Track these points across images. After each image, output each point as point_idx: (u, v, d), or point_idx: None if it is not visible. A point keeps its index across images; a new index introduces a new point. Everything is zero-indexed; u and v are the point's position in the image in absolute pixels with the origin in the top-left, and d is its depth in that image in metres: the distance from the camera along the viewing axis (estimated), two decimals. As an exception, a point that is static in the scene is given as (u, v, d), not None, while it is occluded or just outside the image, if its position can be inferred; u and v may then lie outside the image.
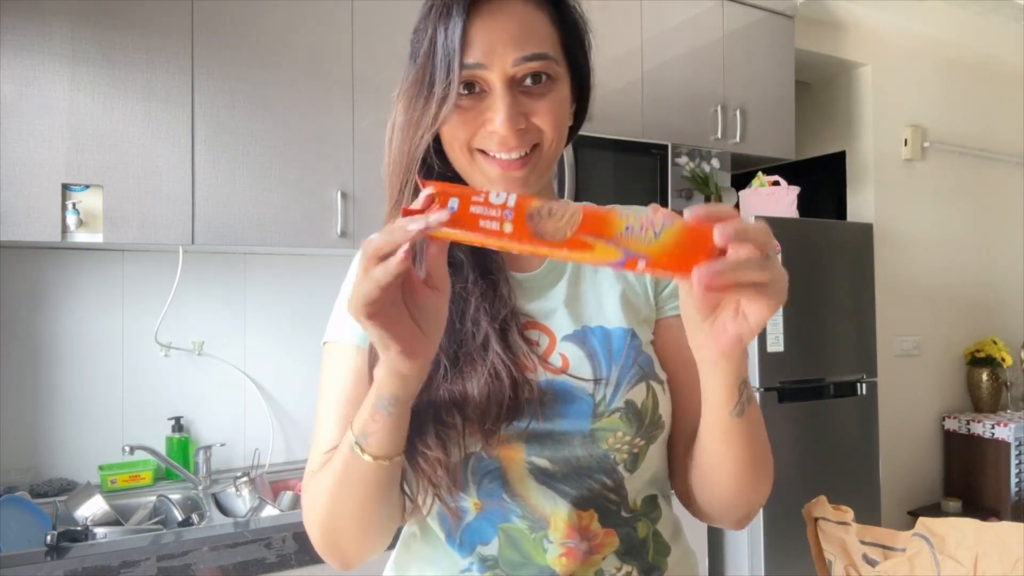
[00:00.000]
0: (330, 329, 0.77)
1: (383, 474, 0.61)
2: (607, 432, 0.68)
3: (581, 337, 0.71)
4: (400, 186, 0.67)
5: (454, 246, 0.67)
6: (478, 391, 0.64)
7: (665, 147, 2.39)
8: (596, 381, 0.68)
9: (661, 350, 0.74)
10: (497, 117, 0.64)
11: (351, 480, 0.62)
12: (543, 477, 0.67)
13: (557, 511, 0.67)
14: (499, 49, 0.63)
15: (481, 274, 0.69)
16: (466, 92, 0.65)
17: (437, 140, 0.68)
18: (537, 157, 0.67)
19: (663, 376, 0.72)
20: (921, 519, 0.65)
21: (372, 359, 0.66)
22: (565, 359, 0.69)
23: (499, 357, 0.64)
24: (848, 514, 0.71)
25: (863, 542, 0.69)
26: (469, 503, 0.68)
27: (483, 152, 0.66)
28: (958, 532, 0.62)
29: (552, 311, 0.72)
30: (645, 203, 0.85)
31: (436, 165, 0.68)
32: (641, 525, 0.71)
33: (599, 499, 0.69)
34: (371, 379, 0.63)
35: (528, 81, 0.65)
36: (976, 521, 0.62)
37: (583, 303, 0.73)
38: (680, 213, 0.49)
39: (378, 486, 0.62)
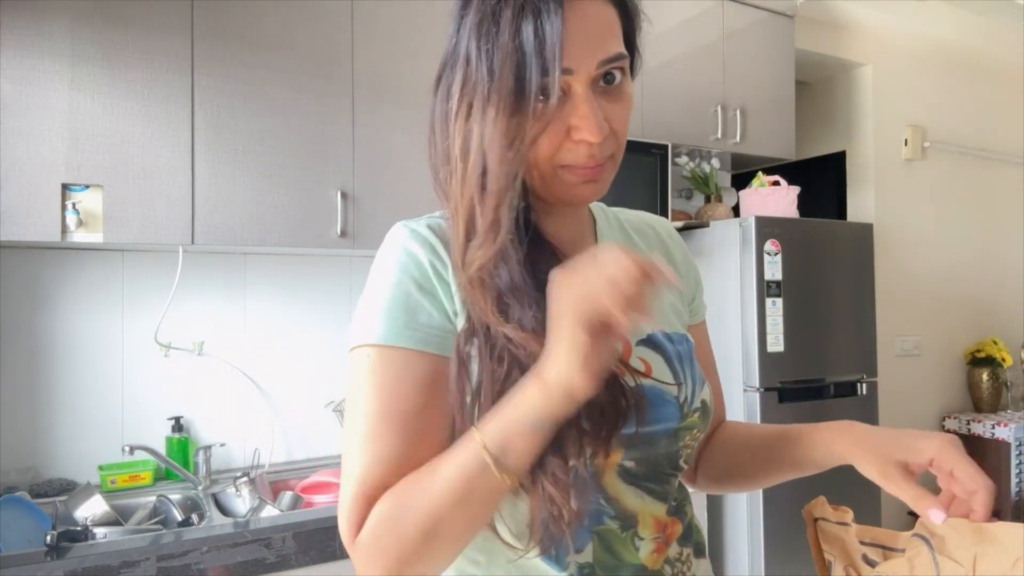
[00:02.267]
0: (370, 330, 0.64)
1: (505, 493, 0.58)
2: (687, 431, 0.70)
3: (654, 341, 0.72)
4: (495, 207, 0.60)
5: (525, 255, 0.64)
6: (595, 403, 0.59)
7: (665, 147, 2.39)
8: (679, 384, 0.70)
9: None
10: (586, 125, 0.60)
11: (471, 499, 0.57)
12: (629, 477, 0.67)
13: (646, 508, 0.68)
14: (584, 52, 0.59)
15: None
16: (544, 99, 0.59)
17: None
18: (612, 164, 0.66)
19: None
20: (920, 519, 0.65)
21: (459, 367, 0.62)
22: (646, 363, 0.69)
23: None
24: (848, 514, 0.71)
25: (863, 542, 0.69)
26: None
27: (563, 166, 0.63)
28: (957, 533, 0.62)
29: None
30: (645, 203, 0.86)
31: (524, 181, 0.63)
32: (687, 508, 0.74)
33: (666, 492, 0.71)
34: (459, 387, 0.61)
35: (602, 81, 0.62)
36: (976, 522, 0.62)
37: None
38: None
39: (495, 505, 0.60)
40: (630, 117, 0.67)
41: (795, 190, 2.58)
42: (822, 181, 3.40)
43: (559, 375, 0.53)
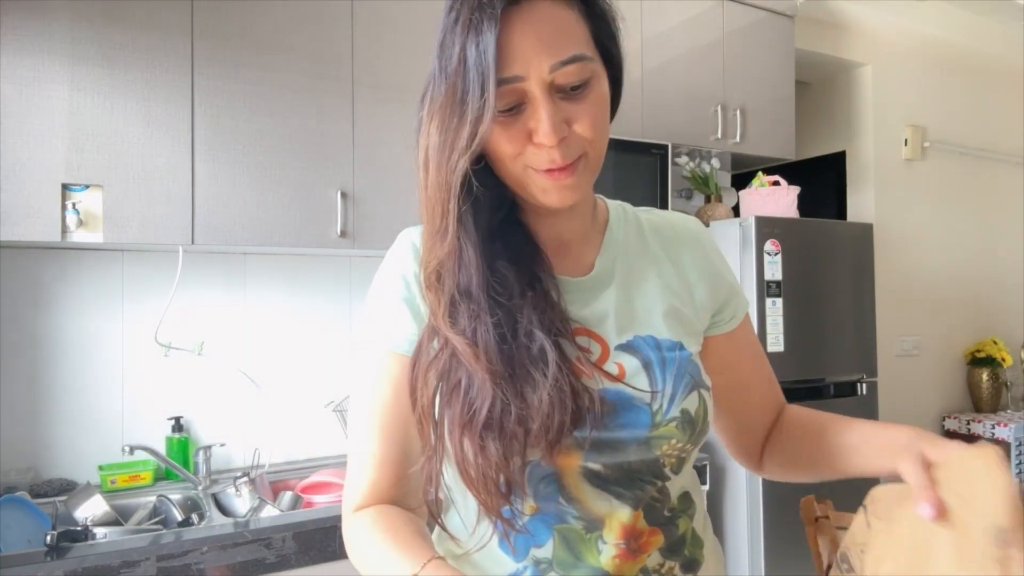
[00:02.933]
0: (364, 330, 0.74)
1: None
2: (662, 440, 0.69)
3: (634, 346, 0.71)
4: (442, 213, 0.63)
5: (498, 258, 0.67)
6: (541, 404, 0.62)
7: (665, 147, 2.39)
8: (652, 392, 0.69)
9: (718, 361, 0.79)
10: (541, 128, 0.61)
11: None
12: (597, 481, 0.67)
13: (614, 513, 0.68)
14: (534, 58, 0.60)
15: (529, 282, 0.67)
16: (505, 108, 0.62)
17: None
18: (584, 163, 0.65)
19: (709, 382, 0.74)
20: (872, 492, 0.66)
21: (415, 364, 0.66)
22: (621, 368, 0.69)
23: (558, 367, 0.63)
24: (828, 506, 0.72)
25: (838, 527, 0.70)
26: (524, 507, 0.68)
27: (532, 167, 0.65)
28: (885, 496, 0.63)
29: (602, 318, 0.72)
30: (645, 203, 0.86)
31: (475, 186, 0.64)
32: (681, 522, 0.73)
33: (646, 500, 0.70)
34: (411, 393, 0.66)
35: (568, 83, 0.63)
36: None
37: (633, 311, 0.73)
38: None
39: None
40: (603, 115, 0.66)
41: (795, 190, 2.58)
42: (822, 181, 3.40)
43: None
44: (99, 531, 1.50)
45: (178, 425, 1.95)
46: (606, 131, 0.67)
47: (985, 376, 3.47)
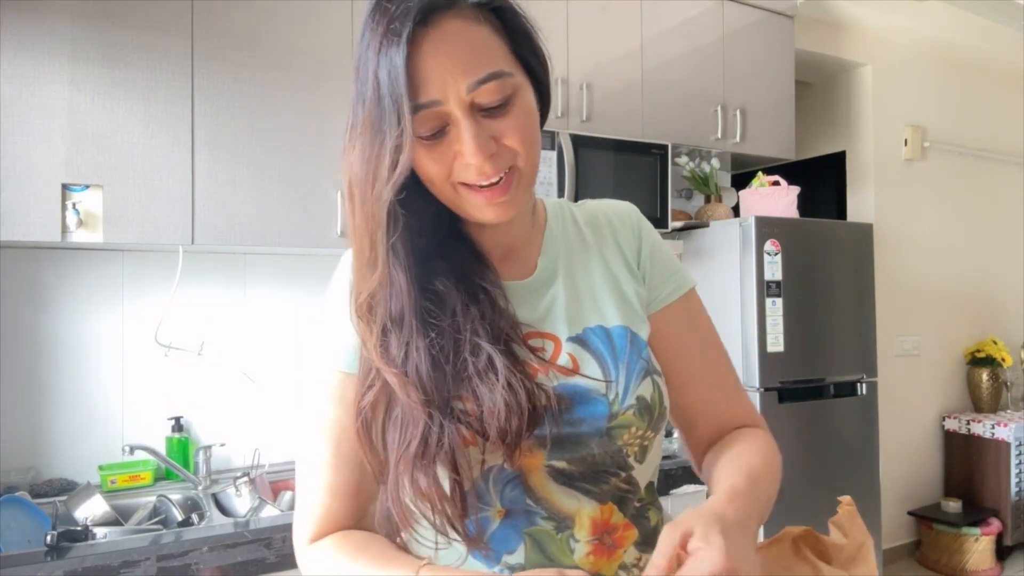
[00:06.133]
0: (313, 353, 0.74)
1: None
2: (622, 429, 0.69)
3: (584, 339, 0.71)
4: (371, 245, 0.63)
5: (436, 277, 0.67)
6: (496, 408, 0.62)
7: (665, 147, 2.39)
8: (607, 382, 0.69)
9: (655, 340, 0.75)
10: (466, 148, 0.61)
11: None
12: (563, 478, 0.67)
13: (582, 509, 0.68)
14: (449, 80, 0.59)
15: (473, 295, 0.67)
16: (428, 133, 0.61)
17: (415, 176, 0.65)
18: (517, 177, 0.65)
19: (660, 368, 0.74)
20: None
21: (361, 387, 0.66)
22: (574, 360, 0.69)
23: (510, 371, 0.63)
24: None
25: None
26: (492, 512, 0.67)
27: (464, 184, 0.64)
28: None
29: (551, 316, 0.72)
30: (645, 203, 0.85)
31: (400, 214, 0.63)
32: (652, 513, 0.73)
33: (616, 493, 0.69)
34: (359, 402, 0.66)
35: (488, 101, 0.62)
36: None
37: (580, 304, 0.74)
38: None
39: None
40: (531, 127, 0.65)
41: (795, 190, 2.58)
42: (822, 181, 3.40)
43: None
44: (99, 531, 1.50)
45: (178, 425, 1.95)
46: (536, 142, 0.66)
47: (985, 376, 3.47)
